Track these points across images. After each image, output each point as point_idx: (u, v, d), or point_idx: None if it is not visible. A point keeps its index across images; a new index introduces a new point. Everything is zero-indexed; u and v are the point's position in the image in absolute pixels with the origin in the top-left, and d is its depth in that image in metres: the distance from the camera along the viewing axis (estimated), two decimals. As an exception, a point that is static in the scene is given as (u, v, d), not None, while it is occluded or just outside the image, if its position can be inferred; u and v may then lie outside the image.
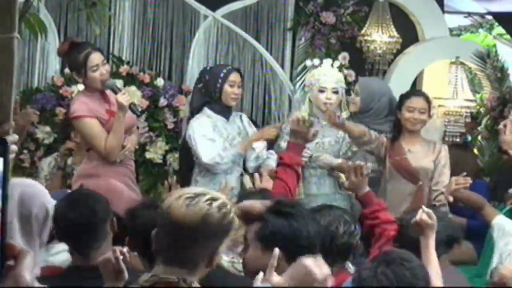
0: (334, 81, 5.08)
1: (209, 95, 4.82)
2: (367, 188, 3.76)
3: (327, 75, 5.11)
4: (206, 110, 4.81)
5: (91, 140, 4.55)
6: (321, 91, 5.02)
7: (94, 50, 4.57)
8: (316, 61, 5.54)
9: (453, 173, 5.22)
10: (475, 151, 6.22)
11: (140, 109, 4.76)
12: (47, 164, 5.37)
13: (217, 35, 6.22)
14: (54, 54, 5.83)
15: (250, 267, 2.57)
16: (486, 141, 6.25)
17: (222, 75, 4.80)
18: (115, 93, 4.49)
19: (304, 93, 5.41)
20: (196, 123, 4.77)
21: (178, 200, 2.16)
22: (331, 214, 3.26)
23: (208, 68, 5.14)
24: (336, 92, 5.05)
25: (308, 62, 5.86)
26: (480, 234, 4.62)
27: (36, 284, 1.09)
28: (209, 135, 4.74)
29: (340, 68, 5.67)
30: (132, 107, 4.55)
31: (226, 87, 4.78)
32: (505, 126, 4.15)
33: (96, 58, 4.51)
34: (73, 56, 4.54)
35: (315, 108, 5.10)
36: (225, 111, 4.85)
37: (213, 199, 2.17)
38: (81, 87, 4.56)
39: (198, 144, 4.71)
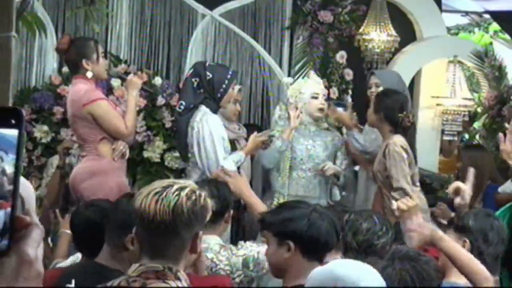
0: (323, 89, 5.24)
1: (209, 93, 4.61)
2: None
3: (319, 82, 5.26)
4: (203, 108, 4.59)
5: (111, 121, 4.40)
6: (314, 97, 5.11)
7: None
8: (290, 79, 5.77)
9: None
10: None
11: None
12: (57, 161, 5.25)
13: (215, 34, 6.22)
14: (52, 53, 5.82)
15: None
16: (484, 140, 6.25)
17: (229, 76, 4.65)
18: (123, 79, 4.57)
19: (285, 107, 5.25)
20: (216, 123, 4.57)
21: (147, 197, 2.19)
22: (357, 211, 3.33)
23: (208, 65, 4.79)
24: (326, 100, 5.23)
25: (285, 79, 5.95)
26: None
27: (39, 261, 1.03)
28: (225, 138, 4.62)
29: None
30: (143, 87, 4.71)
31: (230, 91, 4.66)
32: (504, 135, 3.91)
33: (100, 47, 4.61)
34: (82, 43, 4.51)
35: (305, 115, 5.09)
36: (216, 112, 4.67)
37: (181, 188, 2.20)
38: (90, 74, 4.48)
39: (217, 146, 4.52)
